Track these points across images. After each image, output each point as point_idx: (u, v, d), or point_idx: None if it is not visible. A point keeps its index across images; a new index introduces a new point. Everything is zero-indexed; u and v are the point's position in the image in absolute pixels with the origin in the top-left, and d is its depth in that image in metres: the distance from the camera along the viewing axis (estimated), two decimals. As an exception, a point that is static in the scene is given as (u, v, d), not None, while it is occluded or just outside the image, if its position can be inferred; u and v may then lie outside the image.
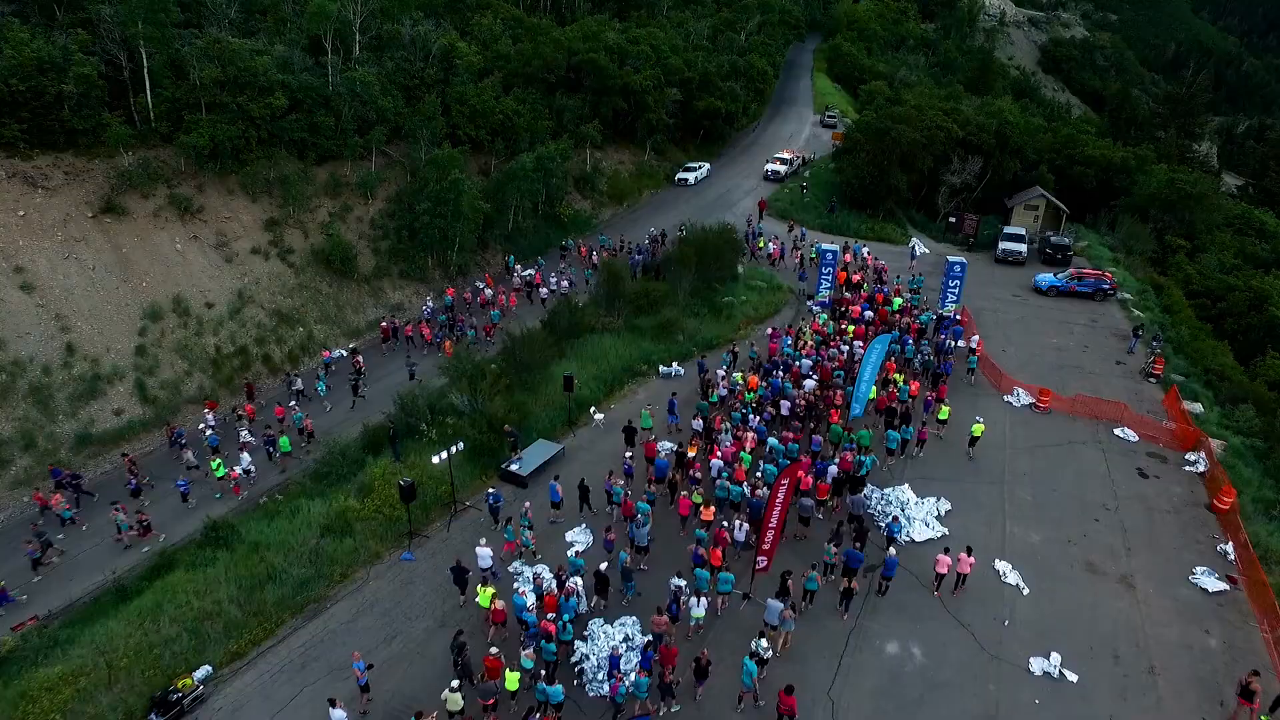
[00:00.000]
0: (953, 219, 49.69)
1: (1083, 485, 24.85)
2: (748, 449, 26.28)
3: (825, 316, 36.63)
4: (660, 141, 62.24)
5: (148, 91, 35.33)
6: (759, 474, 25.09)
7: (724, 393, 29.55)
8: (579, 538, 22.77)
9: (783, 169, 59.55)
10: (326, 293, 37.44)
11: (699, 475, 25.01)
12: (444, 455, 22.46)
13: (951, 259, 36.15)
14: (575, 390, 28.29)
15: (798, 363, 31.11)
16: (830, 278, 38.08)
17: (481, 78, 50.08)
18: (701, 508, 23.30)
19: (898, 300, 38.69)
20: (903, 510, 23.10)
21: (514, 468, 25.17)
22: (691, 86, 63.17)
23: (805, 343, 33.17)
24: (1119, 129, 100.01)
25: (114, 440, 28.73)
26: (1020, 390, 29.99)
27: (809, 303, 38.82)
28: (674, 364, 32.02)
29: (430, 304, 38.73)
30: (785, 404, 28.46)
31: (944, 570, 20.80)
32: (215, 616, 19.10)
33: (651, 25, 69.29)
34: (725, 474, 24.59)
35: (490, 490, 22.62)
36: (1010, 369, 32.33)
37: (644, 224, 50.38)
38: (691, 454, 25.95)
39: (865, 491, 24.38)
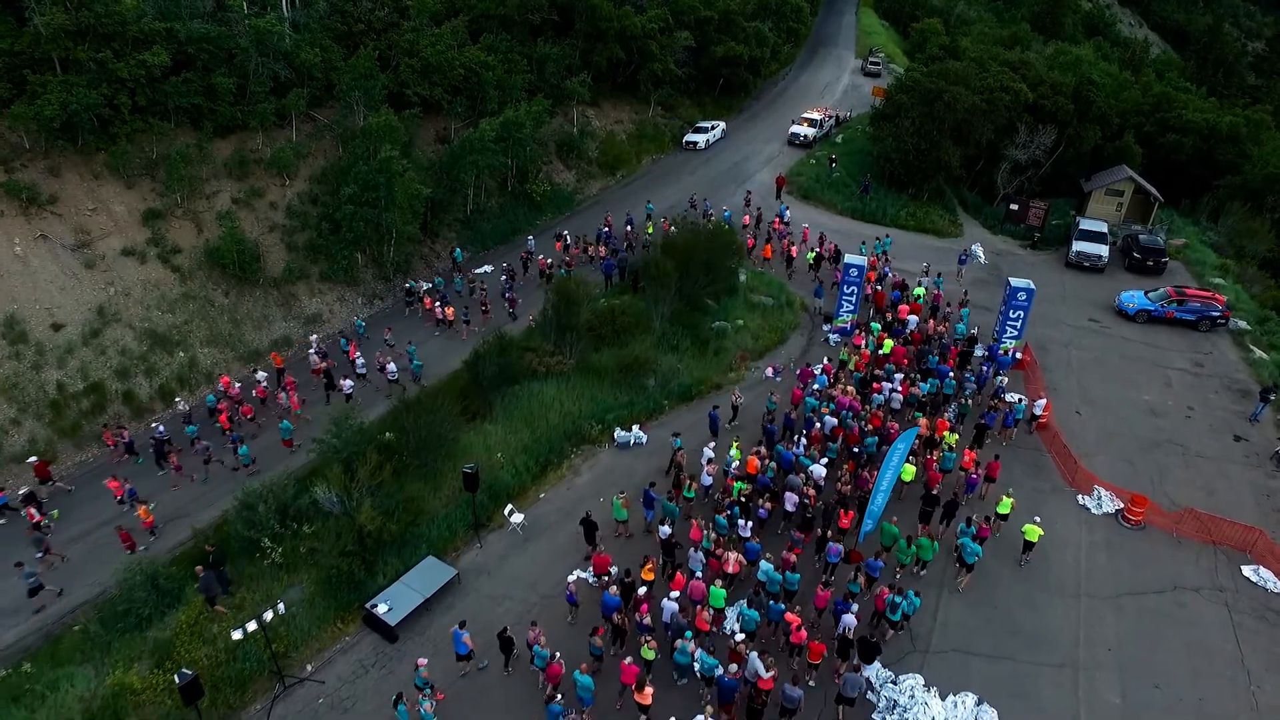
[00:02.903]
0: (1014, 205, 40.31)
1: (1201, 676, 16.94)
2: (728, 571, 18.94)
3: (877, 327, 28.70)
4: (668, 95, 52.93)
5: (-22, 45, 27.68)
6: (736, 627, 17.80)
7: (708, 482, 21.84)
8: (446, 751, 15.70)
9: (811, 132, 50.03)
10: (221, 304, 30.15)
11: (647, 619, 17.72)
12: (250, 627, 15.34)
13: (1014, 283, 27.44)
14: (482, 485, 20.86)
15: (819, 422, 23.35)
16: (855, 298, 29.65)
17: (446, 19, 41.38)
18: (635, 690, 16.14)
19: (919, 289, 31.40)
20: (924, 735, 15.54)
21: (380, 610, 18.04)
22: (709, 28, 53.36)
23: (842, 382, 25.39)
24: (1205, 73, 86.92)
25: (-102, 520, 22.26)
26: (1102, 491, 21.81)
27: (826, 327, 30.56)
28: (635, 428, 24.29)
29: (183, 409, 26.36)
30: (791, 497, 20.82)
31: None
32: None
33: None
34: (680, 623, 17.35)
35: None
36: (1087, 445, 24.08)
37: (638, 201, 41.89)
38: (647, 582, 18.68)
39: (871, 670, 16.91)
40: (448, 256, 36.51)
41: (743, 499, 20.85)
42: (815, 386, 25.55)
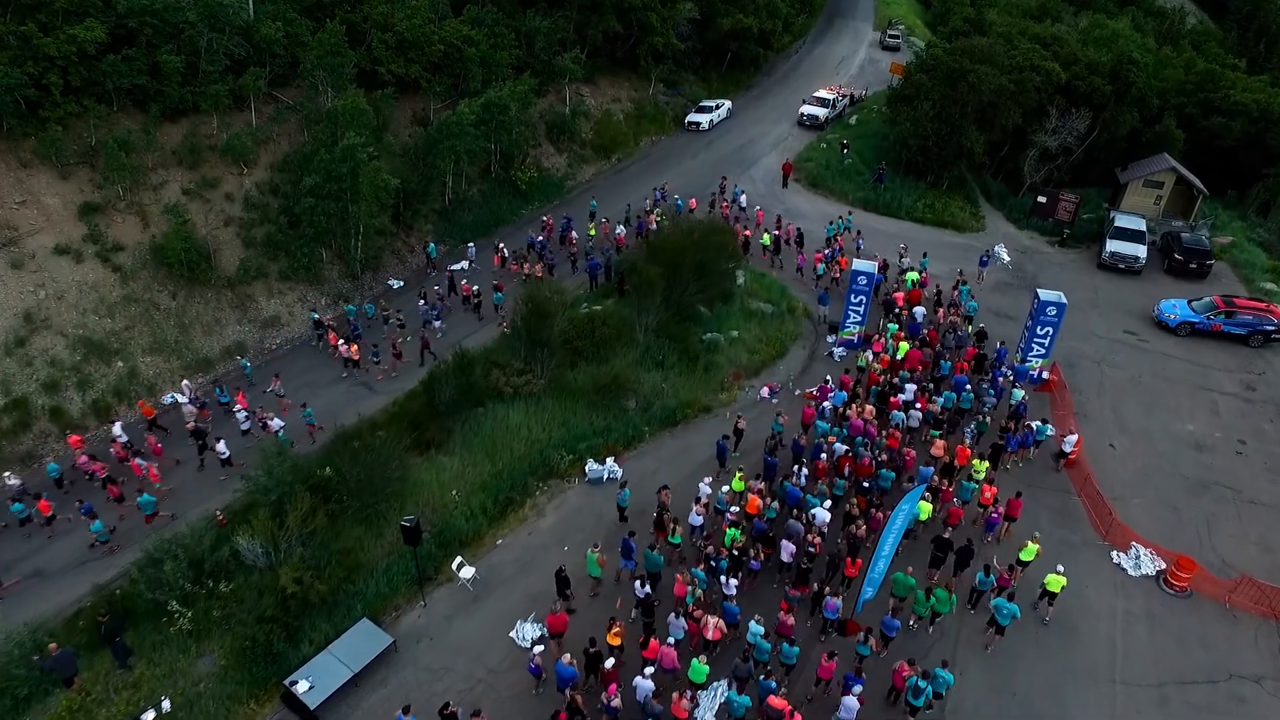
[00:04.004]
0: (1041, 198, 36.89)
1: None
2: (708, 638, 16.40)
3: (894, 328, 26.29)
4: (670, 71, 49.49)
5: (-113, 19, 24.96)
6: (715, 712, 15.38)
7: (698, 521, 19.20)
8: None
9: (822, 113, 46.49)
10: (167, 307, 27.54)
11: (616, 700, 15.22)
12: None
13: (1044, 296, 24.38)
14: (430, 533, 18.33)
15: (825, 451, 20.79)
16: (863, 307, 26.64)
17: (424, -11, 38.13)
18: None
19: (912, 275, 29.22)
20: None
21: (299, 689, 15.60)
22: (716, -1, 49.73)
23: (860, 398, 22.88)
24: (1246, 44, 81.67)
25: None
26: (1141, 550, 18.95)
27: (830, 339, 27.61)
28: (609, 460, 21.58)
29: (13, 483, 20.94)
30: (789, 546, 18.23)
31: None
32: None
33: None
34: (653, 711, 14.91)
35: None
36: (1121, 486, 21.20)
37: (635, 187, 38.75)
38: (615, 648, 16.20)
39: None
40: (422, 251, 33.68)
41: (735, 551, 18.29)
42: (828, 404, 22.88)
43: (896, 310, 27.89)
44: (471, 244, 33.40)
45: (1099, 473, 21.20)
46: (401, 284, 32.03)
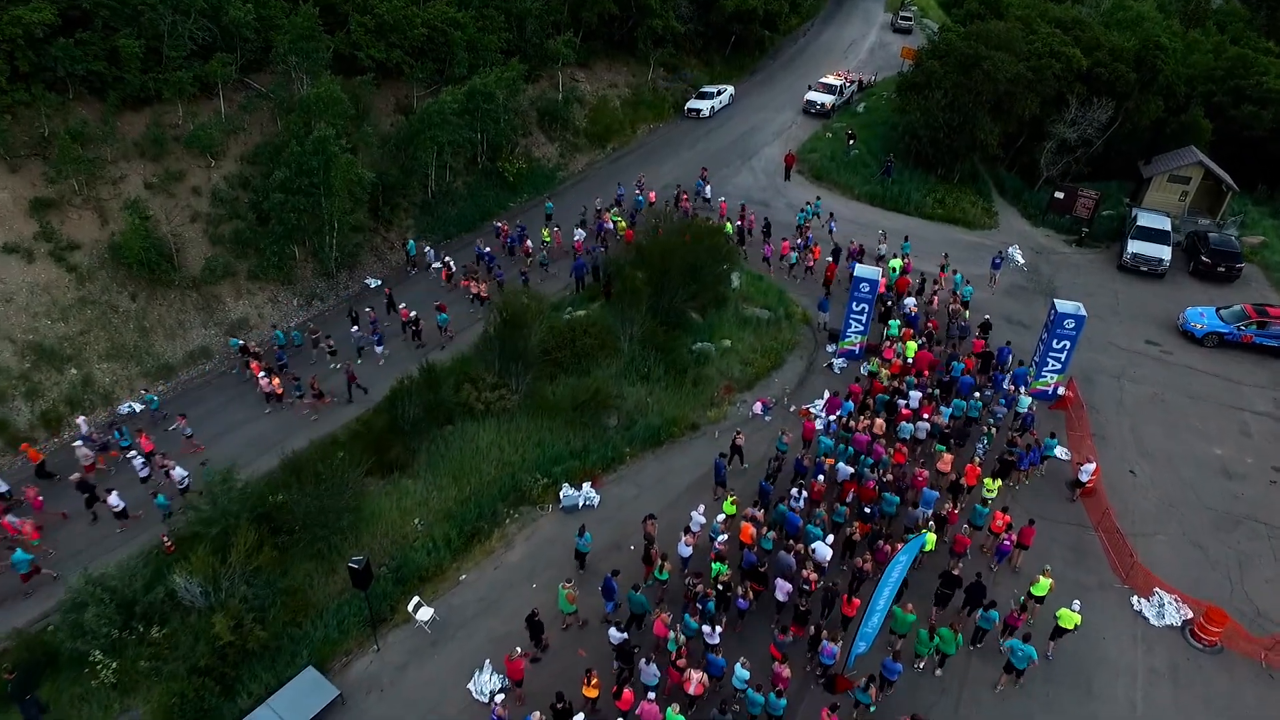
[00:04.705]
0: (1059, 193, 34.78)
1: None
2: (690, 693, 14.88)
3: (897, 326, 24.95)
4: (670, 55, 47.38)
5: None
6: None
7: (687, 553, 17.63)
8: None
9: (829, 100, 44.32)
10: (126, 310, 25.99)
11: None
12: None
13: (1061, 307, 22.51)
14: (388, 570, 16.82)
15: (823, 472, 19.32)
16: (865, 316, 24.79)
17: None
18: None
19: (896, 261, 28.17)
20: None
21: (231, 755, 14.18)
22: (719, -22, 47.44)
23: (869, 409, 21.47)
24: (1275, 25, 78.42)
25: None
26: (1165, 597, 17.23)
27: (830, 348, 25.83)
28: (585, 485, 19.96)
29: None
30: (784, 585, 16.69)
31: None
32: None
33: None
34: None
35: None
36: (1143, 519, 19.47)
37: (630, 177, 36.69)
38: (591, 700, 14.81)
39: None
40: (401, 248, 31.96)
41: (720, 586, 16.74)
42: (835, 416, 21.27)
43: (886, 302, 26.45)
44: (430, 248, 31.56)
45: (1118, 504, 19.47)
46: (379, 282, 30.37)
